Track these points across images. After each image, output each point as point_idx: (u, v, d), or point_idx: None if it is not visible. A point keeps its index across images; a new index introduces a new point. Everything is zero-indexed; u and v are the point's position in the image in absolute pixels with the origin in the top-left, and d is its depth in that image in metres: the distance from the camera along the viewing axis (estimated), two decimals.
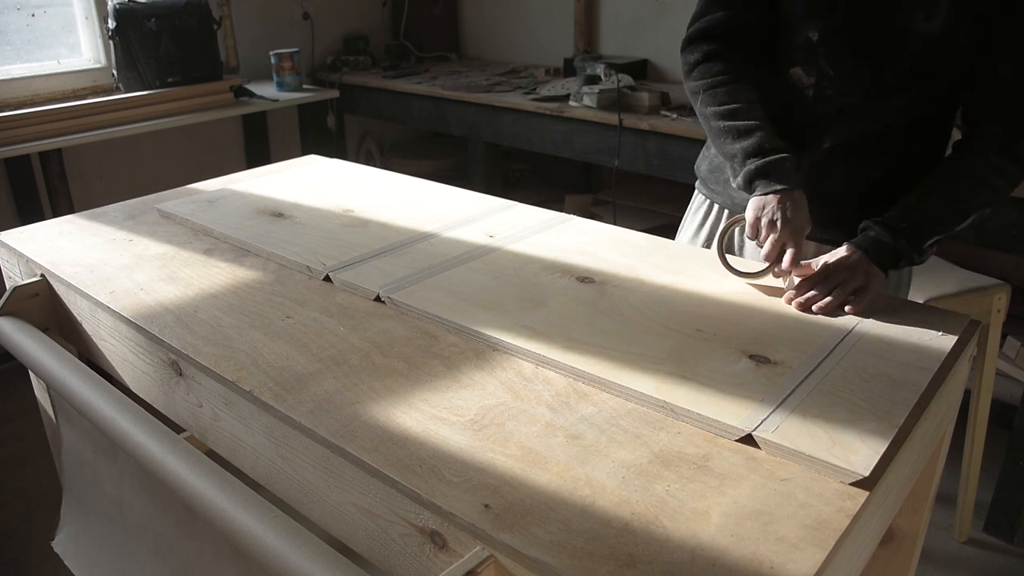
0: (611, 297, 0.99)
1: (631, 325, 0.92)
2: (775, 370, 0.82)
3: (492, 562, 0.61)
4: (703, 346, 0.87)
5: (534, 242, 1.17)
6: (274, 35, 3.24)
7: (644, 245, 1.15)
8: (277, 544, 0.68)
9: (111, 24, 2.54)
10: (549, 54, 3.35)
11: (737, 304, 0.97)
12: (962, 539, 1.89)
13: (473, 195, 1.38)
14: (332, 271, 1.06)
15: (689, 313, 0.94)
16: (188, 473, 0.78)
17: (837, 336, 0.89)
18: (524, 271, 1.07)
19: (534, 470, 0.68)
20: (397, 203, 1.34)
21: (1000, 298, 1.77)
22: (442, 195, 1.39)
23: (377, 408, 0.77)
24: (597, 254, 1.12)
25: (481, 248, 1.14)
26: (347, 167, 1.57)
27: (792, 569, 0.57)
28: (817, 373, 0.81)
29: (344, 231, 1.21)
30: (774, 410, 0.75)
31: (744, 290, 1.01)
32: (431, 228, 1.22)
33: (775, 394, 0.77)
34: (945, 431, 0.96)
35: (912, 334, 0.90)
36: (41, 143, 2.29)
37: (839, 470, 0.67)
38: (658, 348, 0.86)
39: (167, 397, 0.95)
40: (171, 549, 1.01)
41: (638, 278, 1.04)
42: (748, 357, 0.84)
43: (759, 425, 0.72)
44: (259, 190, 1.42)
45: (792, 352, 0.85)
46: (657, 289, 1.01)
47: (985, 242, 1.88)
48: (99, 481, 1.16)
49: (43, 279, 1.13)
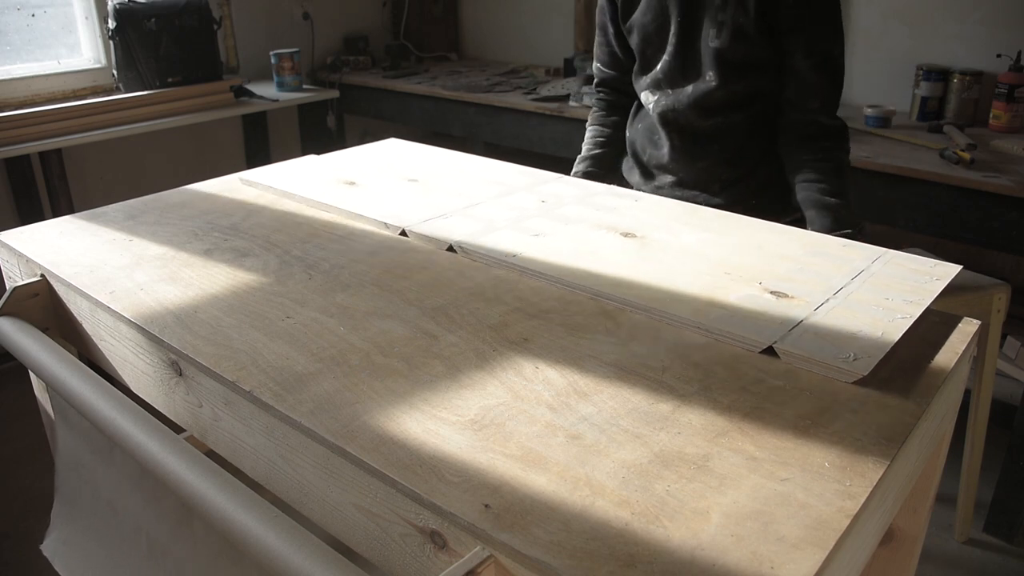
0: (652, 248, 1.13)
1: (670, 269, 1.06)
2: (793, 302, 0.96)
3: (492, 562, 0.61)
4: (731, 283, 1.01)
5: (581, 206, 1.31)
6: (274, 35, 3.25)
7: (676, 208, 1.31)
8: (277, 544, 0.68)
9: (111, 24, 2.54)
10: (549, 54, 3.35)
11: (761, 254, 1.11)
12: (962, 539, 1.89)
13: (524, 168, 1.53)
14: (408, 226, 1.21)
15: (719, 260, 1.09)
16: (188, 473, 0.78)
17: (849, 275, 1.03)
18: (575, 229, 1.21)
19: (534, 470, 0.68)
20: (455, 174, 1.49)
21: (1000, 298, 1.77)
22: (495, 168, 1.54)
23: (377, 408, 0.78)
24: (637, 216, 1.27)
25: (536, 209, 1.30)
26: (405, 146, 1.71)
27: (792, 569, 0.57)
28: (829, 303, 0.95)
29: (411, 196, 1.37)
30: (791, 330, 0.89)
31: (766, 241, 1.15)
32: (489, 194, 1.36)
33: (791, 321, 0.92)
34: (945, 431, 0.96)
35: (913, 274, 1.04)
36: (41, 143, 2.30)
37: (844, 371, 0.81)
38: (692, 285, 1.01)
39: (167, 397, 0.95)
40: (166, 551, 1.01)
41: (674, 234, 1.19)
42: (770, 292, 0.98)
43: (777, 340, 0.87)
44: (330, 165, 1.57)
45: (808, 290, 0.99)
46: (691, 243, 1.16)
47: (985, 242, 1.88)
48: (93, 484, 1.16)
49: (43, 279, 1.13)
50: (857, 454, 0.70)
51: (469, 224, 1.22)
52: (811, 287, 1.00)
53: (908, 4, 2.54)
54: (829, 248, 1.12)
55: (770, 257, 1.09)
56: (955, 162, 1.94)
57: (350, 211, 1.29)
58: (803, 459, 0.69)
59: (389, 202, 1.33)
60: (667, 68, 1.57)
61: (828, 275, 1.03)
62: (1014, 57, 2.23)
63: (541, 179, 1.46)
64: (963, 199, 1.89)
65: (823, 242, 1.15)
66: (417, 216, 1.26)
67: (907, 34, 2.56)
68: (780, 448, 0.71)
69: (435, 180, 1.45)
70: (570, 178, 1.50)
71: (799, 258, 1.09)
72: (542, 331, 0.92)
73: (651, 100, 1.62)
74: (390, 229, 1.22)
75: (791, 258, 1.09)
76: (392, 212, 1.28)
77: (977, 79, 2.34)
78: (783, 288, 0.99)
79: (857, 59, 2.65)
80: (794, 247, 1.12)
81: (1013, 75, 2.20)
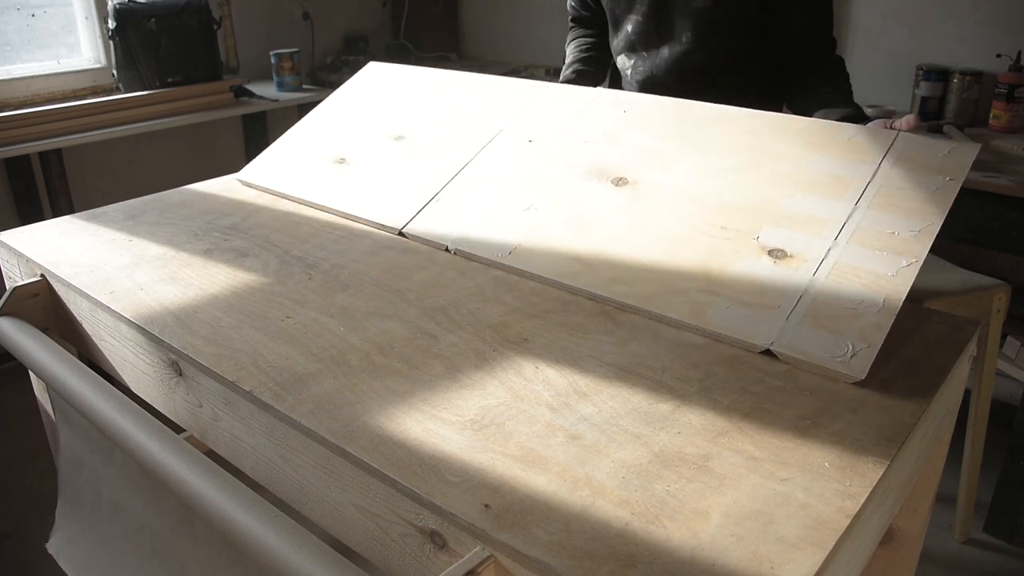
0: (645, 201, 1.09)
1: (665, 235, 1.03)
2: (791, 265, 0.93)
3: (492, 562, 0.61)
4: (728, 249, 0.98)
5: (570, 139, 1.25)
6: (274, 35, 3.24)
7: (668, 117, 1.22)
8: (277, 544, 0.68)
9: (111, 24, 2.54)
10: (549, 54, 3.35)
11: (760, 178, 1.06)
12: (962, 539, 1.89)
13: (507, 85, 1.44)
14: (406, 227, 1.20)
15: (715, 208, 1.04)
16: (188, 473, 0.78)
17: (853, 196, 0.97)
18: (565, 182, 1.17)
19: (534, 470, 0.68)
20: (439, 118, 1.42)
21: (1000, 298, 1.77)
22: (477, 99, 1.43)
23: (377, 408, 0.77)
24: (630, 140, 1.20)
25: (525, 160, 1.24)
26: (384, 78, 1.61)
27: (792, 569, 0.57)
28: (830, 258, 0.92)
29: (400, 167, 1.33)
30: (788, 317, 0.88)
31: (764, 151, 1.09)
32: (475, 145, 1.31)
33: (789, 297, 0.90)
34: (945, 431, 0.96)
35: (924, 174, 0.98)
36: (41, 143, 2.29)
37: (842, 374, 0.81)
38: (689, 259, 0.99)
39: (167, 397, 0.95)
40: (169, 550, 1.01)
41: (666, 168, 1.13)
42: (767, 254, 0.95)
43: (775, 340, 0.86)
44: (317, 135, 1.51)
45: (808, 240, 0.95)
46: (685, 180, 1.10)
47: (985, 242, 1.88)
48: (96, 482, 1.16)
49: (43, 279, 1.13)
50: (857, 454, 0.70)
51: (461, 210, 1.19)
52: (812, 231, 0.95)
53: (908, 4, 2.54)
54: (833, 147, 1.04)
55: (769, 184, 1.04)
56: None
57: (345, 212, 1.29)
58: (803, 459, 0.69)
59: (381, 184, 1.31)
60: (640, 30, 1.53)
61: (831, 205, 0.97)
62: (1014, 57, 2.22)
63: (525, 99, 1.37)
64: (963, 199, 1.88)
65: (826, 141, 1.06)
66: (410, 202, 1.24)
67: (907, 34, 2.56)
68: (780, 448, 0.71)
69: (420, 134, 1.39)
70: (556, 90, 1.39)
71: (800, 176, 1.02)
72: (542, 331, 0.92)
73: (628, 65, 1.58)
74: (387, 230, 1.22)
75: (792, 179, 1.02)
76: (387, 202, 1.26)
77: (977, 79, 2.34)
78: (781, 242, 0.96)
79: (857, 59, 2.65)
80: (796, 155, 1.05)
81: (1013, 75, 2.20)
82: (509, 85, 1.43)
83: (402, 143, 1.38)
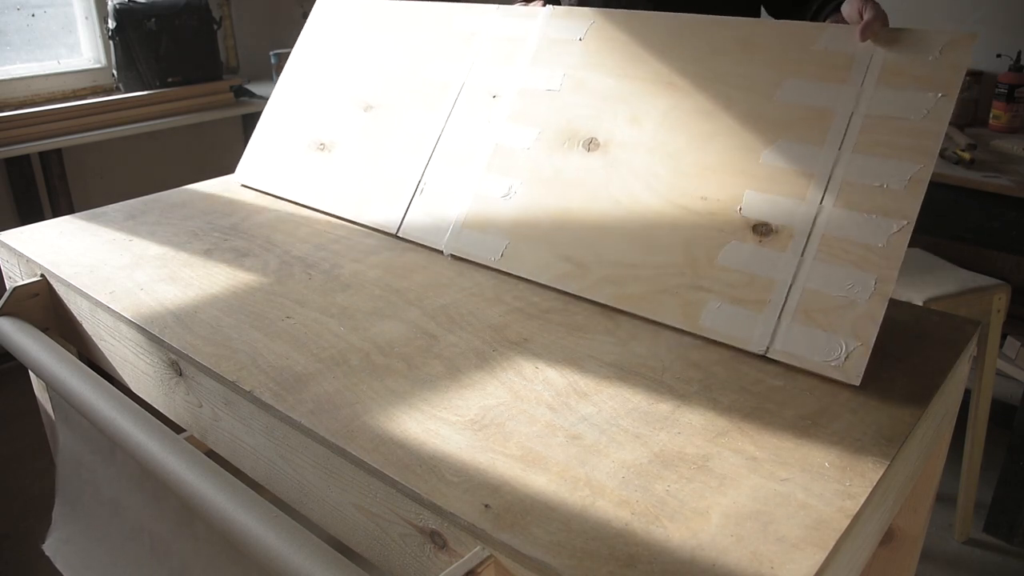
0: (619, 170, 1.04)
1: (647, 216, 1.00)
2: (777, 244, 0.90)
3: (492, 562, 0.61)
4: (712, 226, 0.95)
5: (533, 89, 1.16)
6: (274, 35, 3.24)
7: (625, 43, 1.10)
8: (277, 544, 0.68)
9: (111, 24, 2.54)
10: None
11: (731, 131, 0.98)
12: (962, 539, 1.89)
13: (459, 19, 1.31)
14: (400, 230, 1.20)
15: (694, 175, 0.99)
16: (188, 473, 0.78)
17: (836, 140, 0.90)
18: (537, 153, 1.12)
19: (534, 470, 0.68)
20: (401, 73, 1.33)
21: (1000, 298, 1.77)
22: (433, 37, 1.32)
23: (377, 408, 0.77)
24: (592, 84, 1.10)
25: (493, 124, 1.17)
26: (346, 14, 1.51)
27: (792, 569, 0.57)
28: (817, 229, 0.88)
29: (379, 154, 1.29)
30: (779, 315, 0.87)
31: (738, 84, 0.99)
32: (442, 108, 1.24)
33: (779, 288, 0.88)
34: (945, 431, 0.96)
35: (910, 104, 0.87)
36: (41, 143, 2.30)
37: (837, 375, 0.82)
38: (674, 249, 0.96)
39: (167, 397, 0.95)
40: (168, 550, 1.01)
41: (637, 122, 1.05)
42: (752, 231, 0.92)
43: (769, 344, 0.86)
44: (294, 116, 1.47)
45: (792, 207, 0.91)
46: (657, 139, 1.03)
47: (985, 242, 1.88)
48: (94, 483, 1.16)
49: (43, 279, 1.13)
50: (857, 454, 0.70)
51: (446, 201, 1.17)
52: (795, 191, 0.89)
53: (908, 4, 2.54)
54: (806, 62, 0.94)
55: (744, 129, 0.96)
56: (955, 162, 1.94)
57: (340, 215, 1.28)
58: (803, 459, 0.69)
59: (364, 175, 1.28)
60: None
61: (813, 153, 0.89)
62: (1014, 57, 2.22)
63: (481, 38, 1.25)
64: (963, 199, 1.88)
65: (798, 56, 0.95)
66: (397, 196, 1.22)
67: None
68: (780, 448, 0.71)
69: (386, 100, 1.31)
70: (507, 22, 1.25)
71: (776, 114, 0.94)
72: (542, 331, 0.92)
73: None
74: (384, 231, 1.22)
75: (767, 118, 0.94)
76: (375, 198, 1.25)
77: (977, 79, 2.34)
78: (765, 211, 0.91)
79: None
80: (767, 79, 0.96)
81: (1013, 75, 2.20)
82: (463, 18, 1.30)
83: (372, 114, 1.33)
